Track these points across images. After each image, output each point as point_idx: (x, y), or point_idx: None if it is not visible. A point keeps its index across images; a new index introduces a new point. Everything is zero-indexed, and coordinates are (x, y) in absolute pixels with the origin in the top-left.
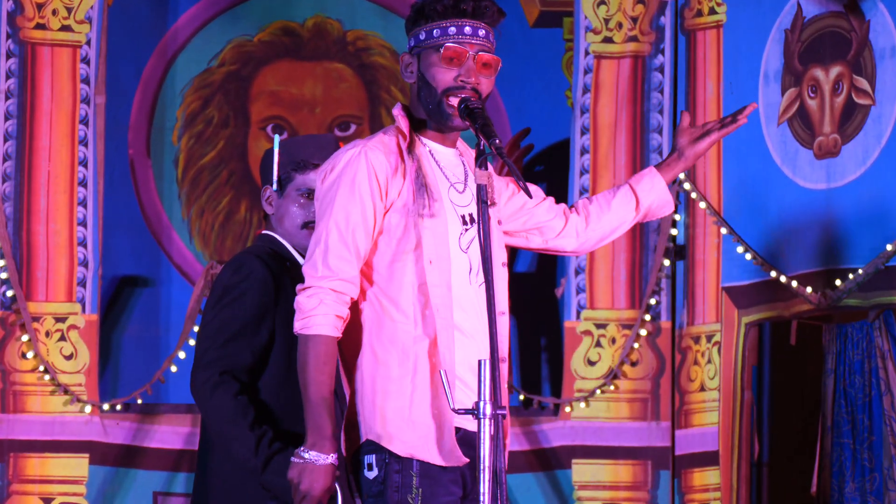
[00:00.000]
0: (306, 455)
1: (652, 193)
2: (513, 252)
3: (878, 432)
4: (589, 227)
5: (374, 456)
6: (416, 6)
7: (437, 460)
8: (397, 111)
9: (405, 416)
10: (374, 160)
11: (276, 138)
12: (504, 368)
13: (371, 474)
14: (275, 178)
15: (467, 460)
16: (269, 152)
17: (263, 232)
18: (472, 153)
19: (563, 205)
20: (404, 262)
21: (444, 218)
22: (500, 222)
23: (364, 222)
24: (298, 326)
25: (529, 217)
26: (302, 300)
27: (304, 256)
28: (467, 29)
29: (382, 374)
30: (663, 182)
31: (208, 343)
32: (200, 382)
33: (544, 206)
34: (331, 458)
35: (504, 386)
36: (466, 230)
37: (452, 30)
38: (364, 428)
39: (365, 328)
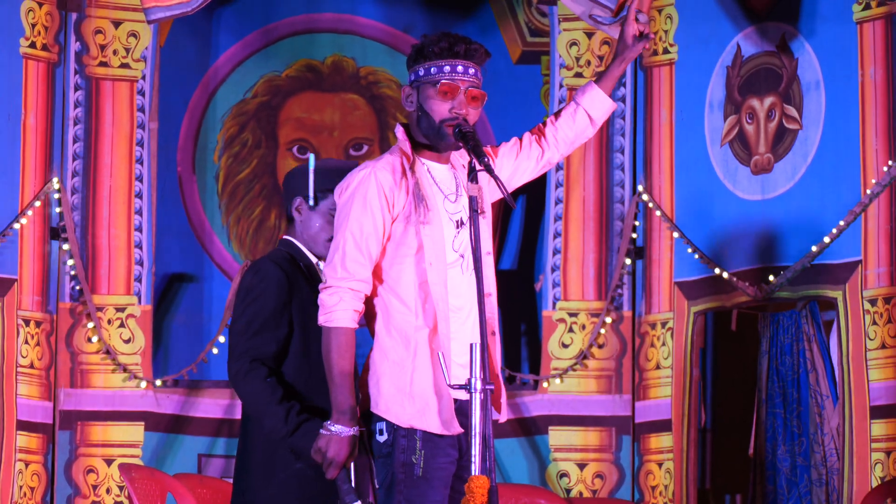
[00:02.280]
0: (332, 428)
1: (601, 108)
2: (498, 251)
3: (805, 404)
4: (560, 148)
5: (384, 423)
6: (416, 47)
7: (435, 429)
8: (400, 134)
9: (406, 392)
10: (382, 179)
11: (311, 157)
12: (496, 340)
13: (382, 438)
14: (311, 192)
15: (462, 430)
16: (305, 168)
17: (284, 237)
18: (464, 160)
19: (534, 136)
20: (407, 264)
21: (440, 225)
22: (482, 213)
23: (375, 232)
24: (322, 320)
25: (517, 170)
26: (324, 297)
27: (319, 258)
28: (459, 68)
29: (388, 356)
30: (603, 94)
31: (238, 337)
32: (234, 371)
33: (524, 156)
34: (352, 431)
35: (496, 355)
36: (459, 233)
37: (447, 68)
38: (374, 400)
39: (377, 319)
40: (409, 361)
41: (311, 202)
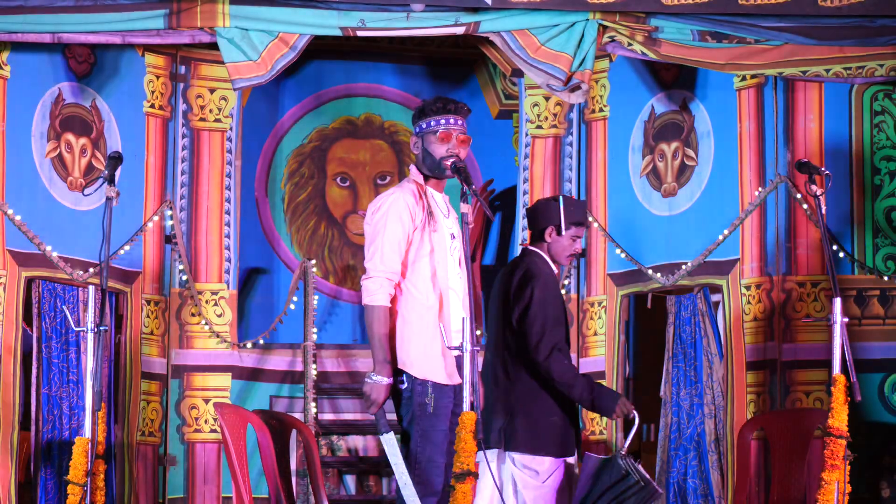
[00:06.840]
0: (374, 378)
1: None
2: (482, 251)
3: (699, 360)
4: None
5: (405, 374)
6: (419, 107)
7: (441, 381)
8: (413, 170)
9: (422, 353)
10: (406, 200)
11: (561, 198)
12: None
13: (403, 386)
14: (562, 222)
15: (461, 381)
16: (555, 205)
17: (530, 247)
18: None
19: None
20: (422, 263)
21: (443, 233)
22: (470, 225)
23: (404, 238)
24: (367, 300)
25: None
26: (368, 284)
27: (558, 265)
28: (451, 120)
29: (409, 328)
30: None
31: (542, 329)
32: (545, 355)
33: None
34: (387, 380)
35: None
36: (452, 241)
37: (443, 121)
38: (399, 359)
39: (399, 301)
40: (422, 331)
41: (564, 228)
